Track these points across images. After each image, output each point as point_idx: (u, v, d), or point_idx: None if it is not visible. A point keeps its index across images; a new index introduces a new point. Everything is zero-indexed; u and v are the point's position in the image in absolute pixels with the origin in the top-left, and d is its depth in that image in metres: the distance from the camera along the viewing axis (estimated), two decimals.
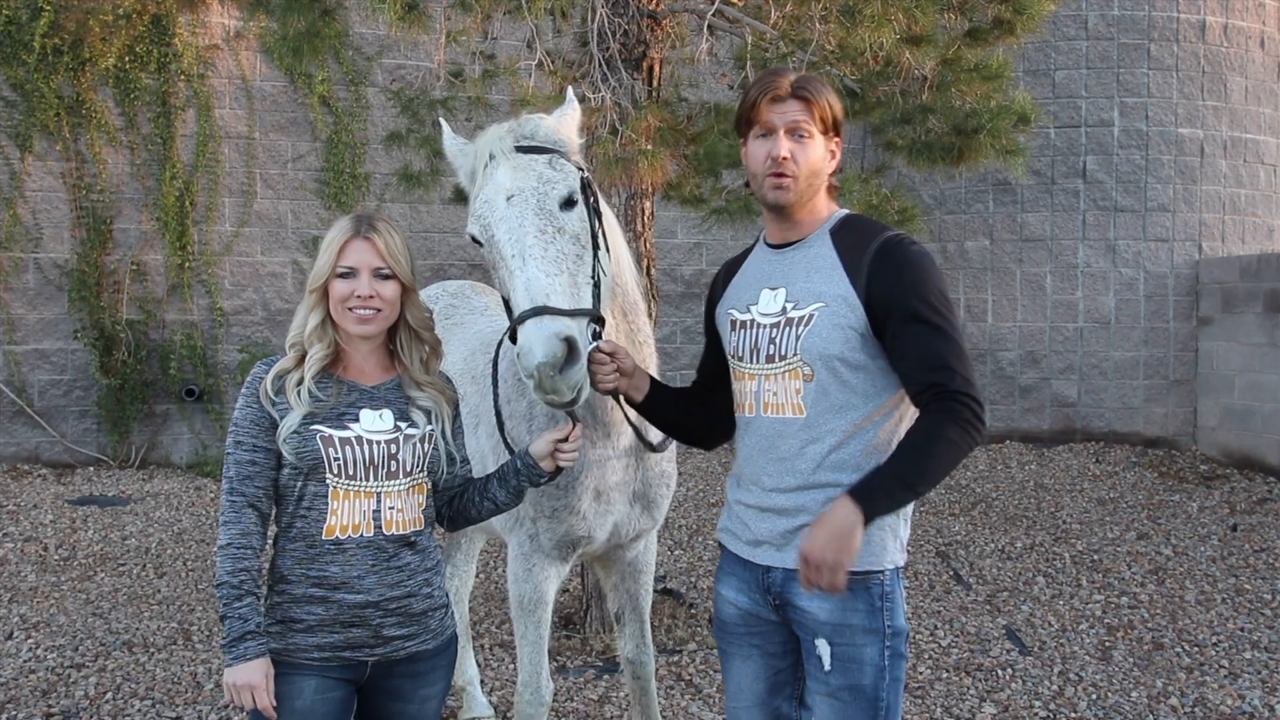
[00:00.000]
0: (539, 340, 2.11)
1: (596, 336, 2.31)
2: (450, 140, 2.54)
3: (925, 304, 2.11)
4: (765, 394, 2.24)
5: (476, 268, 9.39)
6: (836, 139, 2.27)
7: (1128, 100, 9.59)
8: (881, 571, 2.18)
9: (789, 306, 2.21)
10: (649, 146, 4.20)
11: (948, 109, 4.82)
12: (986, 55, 4.87)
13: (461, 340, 3.44)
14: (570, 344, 2.14)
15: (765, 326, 2.25)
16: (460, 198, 6.30)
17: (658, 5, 4.77)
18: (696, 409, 2.55)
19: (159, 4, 8.47)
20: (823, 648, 2.18)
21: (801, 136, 2.20)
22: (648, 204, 4.89)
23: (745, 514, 2.29)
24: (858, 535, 2.01)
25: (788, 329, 2.20)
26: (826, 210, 2.31)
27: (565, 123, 2.48)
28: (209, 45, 8.78)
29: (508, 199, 2.28)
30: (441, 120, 2.67)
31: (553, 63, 4.71)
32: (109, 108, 8.51)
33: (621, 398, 2.50)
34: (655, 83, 4.88)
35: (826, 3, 4.33)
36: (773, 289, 2.27)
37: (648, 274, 4.82)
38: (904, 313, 2.10)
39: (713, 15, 4.50)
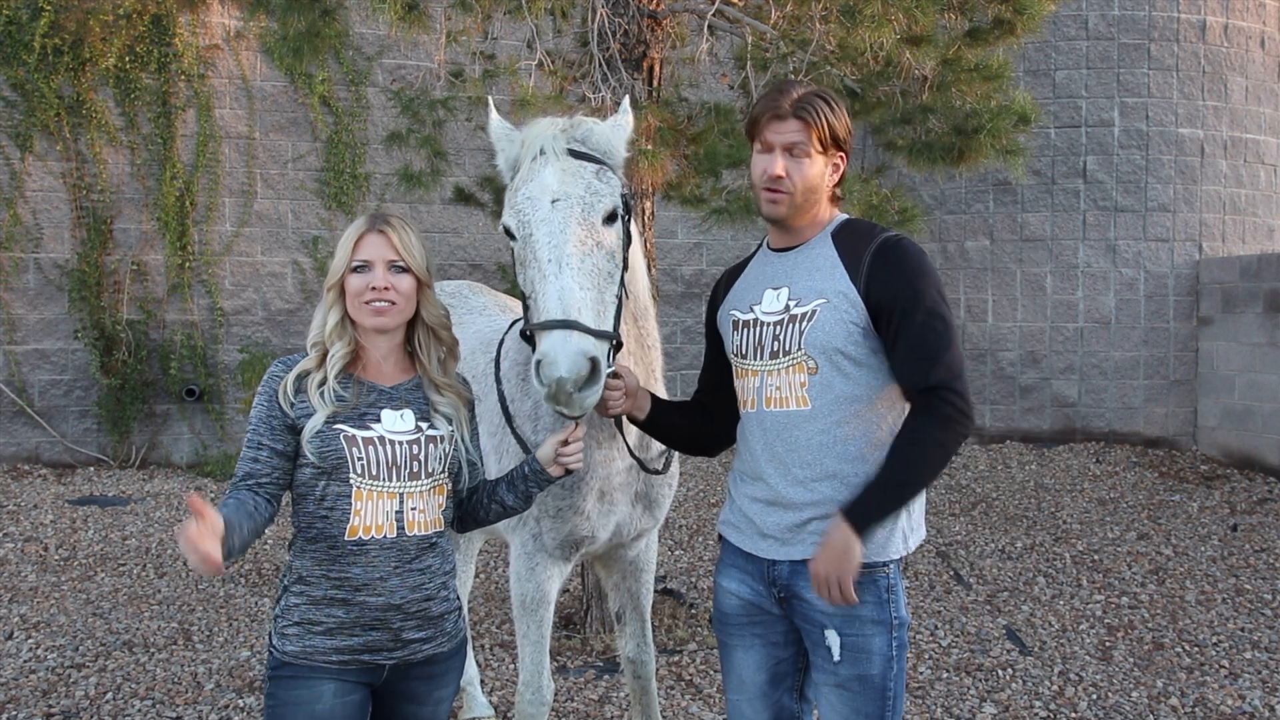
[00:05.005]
0: (565, 355, 2.12)
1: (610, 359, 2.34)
2: (497, 123, 2.53)
3: (920, 297, 2.18)
4: (768, 389, 2.29)
5: (476, 268, 9.39)
6: (840, 154, 2.32)
7: (1128, 100, 9.59)
8: (886, 564, 2.25)
9: (792, 304, 2.27)
10: (649, 146, 4.20)
11: (948, 109, 4.82)
12: (986, 55, 4.86)
13: (461, 340, 3.44)
14: (594, 364, 2.16)
15: (769, 324, 2.30)
16: (461, 197, 6.32)
17: (658, 5, 4.77)
18: (699, 418, 2.61)
19: (159, 4, 8.47)
20: (832, 638, 2.23)
21: (797, 156, 2.26)
22: (648, 204, 4.89)
23: (750, 508, 2.33)
24: (855, 550, 2.13)
25: (791, 325, 2.26)
26: (828, 215, 2.37)
27: (618, 134, 2.47)
28: (209, 45, 8.79)
29: (553, 201, 2.28)
30: (490, 99, 2.66)
31: (553, 63, 4.71)
32: (109, 108, 8.51)
33: (624, 419, 2.55)
34: (655, 83, 4.88)
35: (827, 3, 4.33)
36: (776, 288, 2.33)
37: (649, 274, 4.81)
38: (901, 306, 2.18)
39: (713, 15, 4.49)
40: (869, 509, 2.16)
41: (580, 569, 4.92)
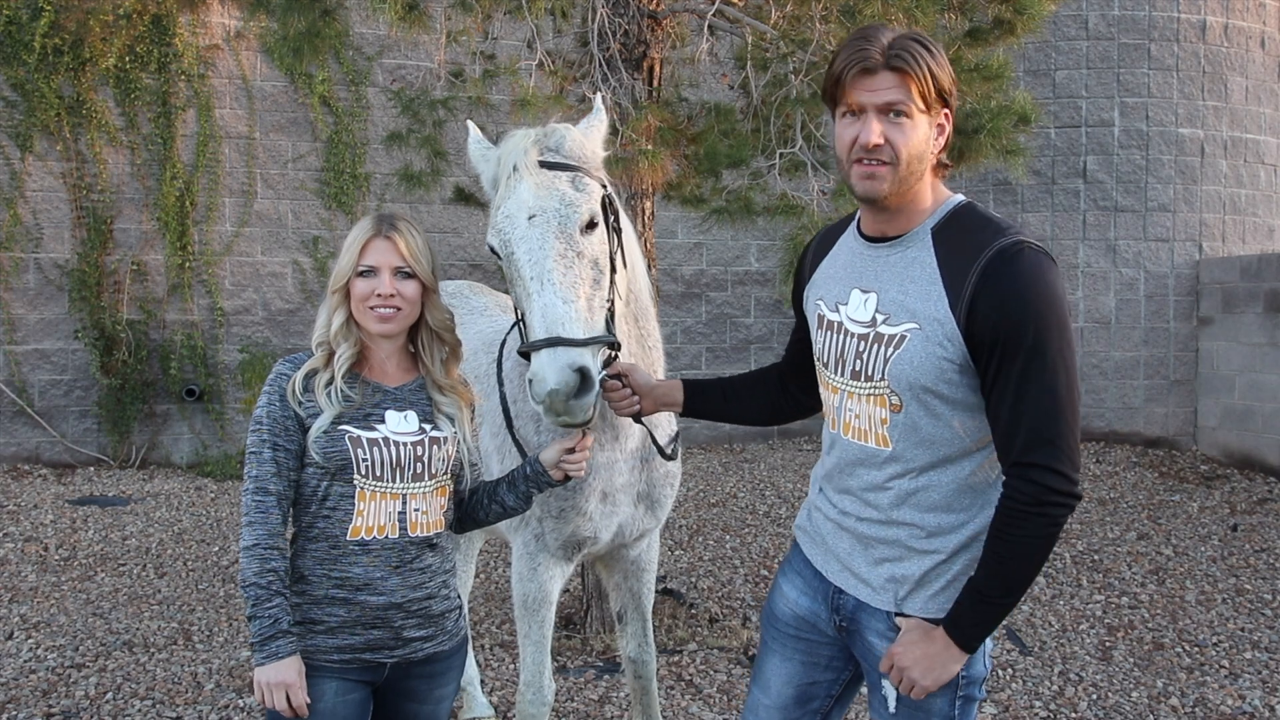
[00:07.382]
0: (553, 370, 2.13)
1: (609, 361, 2.32)
2: (475, 144, 2.53)
3: (1024, 336, 1.78)
4: (847, 413, 2.01)
5: (476, 268, 9.39)
6: (945, 110, 1.89)
7: (1128, 100, 9.59)
8: None
9: (879, 319, 1.92)
10: (649, 146, 4.20)
11: None
12: (987, 55, 4.86)
13: (462, 341, 3.44)
14: (583, 373, 2.16)
15: (854, 336, 1.97)
16: (461, 197, 6.32)
17: (658, 5, 4.77)
18: (759, 393, 2.45)
19: (159, 4, 8.47)
20: (889, 689, 2.00)
21: (899, 116, 1.84)
22: (648, 204, 4.89)
23: (823, 525, 2.13)
24: (953, 666, 1.89)
25: (876, 346, 1.91)
26: (931, 198, 1.94)
27: (591, 136, 2.46)
28: (209, 45, 8.79)
29: (529, 218, 2.27)
30: (470, 124, 2.64)
31: (553, 63, 4.71)
32: (109, 108, 8.51)
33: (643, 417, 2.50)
34: (655, 83, 4.88)
35: (826, 3, 4.33)
36: (864, 291, 1.97)
37: (649, 274, 4.81)
38: (1002, 348, 1.79)
39: (713, 15, 4.49)
40: (968, 625, 1.87)
41: (581, 569, 4.91)
